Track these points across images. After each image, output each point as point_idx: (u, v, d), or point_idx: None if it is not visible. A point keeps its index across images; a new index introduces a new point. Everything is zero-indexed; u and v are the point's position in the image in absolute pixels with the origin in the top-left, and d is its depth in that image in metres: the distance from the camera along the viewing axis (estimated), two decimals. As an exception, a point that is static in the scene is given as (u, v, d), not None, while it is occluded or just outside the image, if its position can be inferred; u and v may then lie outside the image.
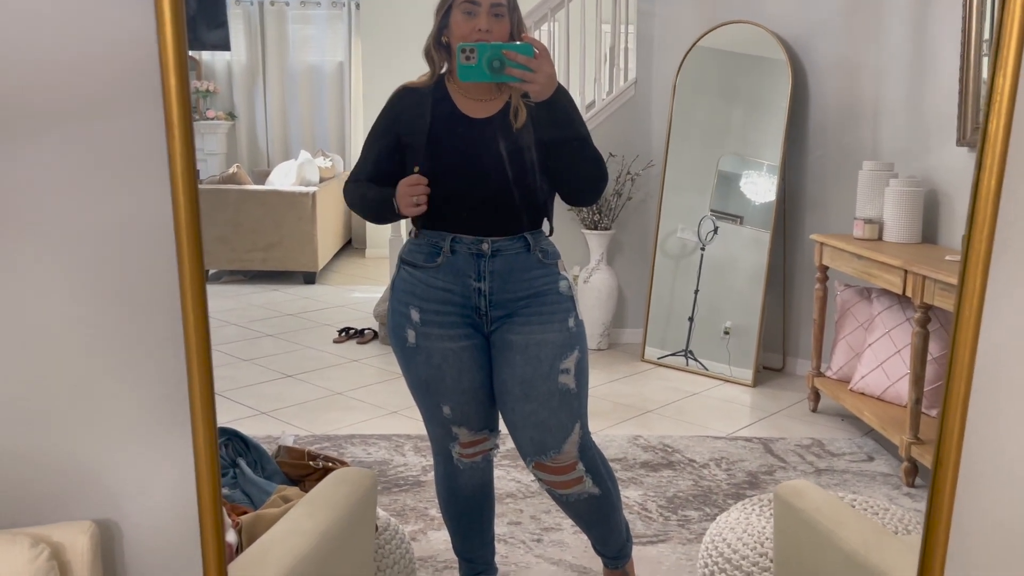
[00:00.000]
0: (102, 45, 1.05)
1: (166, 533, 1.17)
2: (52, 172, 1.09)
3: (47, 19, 1.05)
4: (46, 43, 1.06)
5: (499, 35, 1.67)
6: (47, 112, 1.07)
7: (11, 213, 1.10)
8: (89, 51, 1.05)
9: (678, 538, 2.42)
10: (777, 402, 3.59)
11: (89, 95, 1.06)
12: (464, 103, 1.76)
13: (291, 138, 7.21)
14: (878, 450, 3.05)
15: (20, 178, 1.09)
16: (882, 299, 3.13)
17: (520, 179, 1.73)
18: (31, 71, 1.06)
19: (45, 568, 1.02)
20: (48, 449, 1.14)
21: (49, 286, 1.11)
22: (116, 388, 1.14)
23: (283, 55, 7.17)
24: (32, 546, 1.02)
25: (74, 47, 1.06)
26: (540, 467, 1.83)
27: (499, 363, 1.81)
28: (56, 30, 1.05)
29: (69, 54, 1.06)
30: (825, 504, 1.52)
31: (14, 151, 1.08)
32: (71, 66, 1.06)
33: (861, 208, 3.23)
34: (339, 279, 5.80)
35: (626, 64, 4.39)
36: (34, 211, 1.10)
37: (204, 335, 1.04)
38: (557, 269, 1.83)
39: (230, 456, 1.94)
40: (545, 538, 2.41)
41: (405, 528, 2.36)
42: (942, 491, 1.12)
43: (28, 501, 1.14)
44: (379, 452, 2.97)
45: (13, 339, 1.12)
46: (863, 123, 3.54)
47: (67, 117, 1.07)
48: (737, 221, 3.91)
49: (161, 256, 1.09)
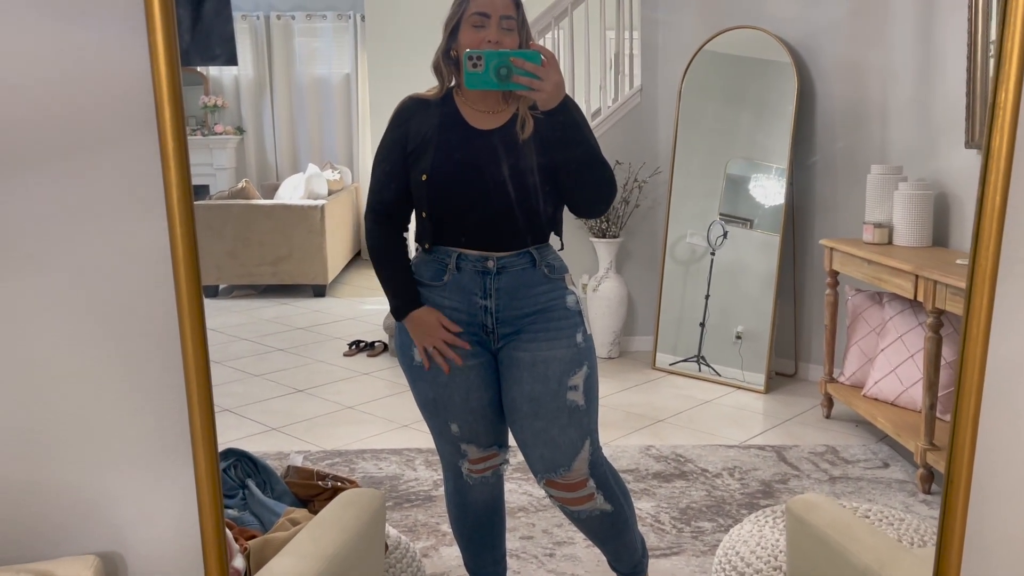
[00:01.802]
0: (98, 81, 1.05)
1: (171, 563, 1.16)
2: (51, 205, 1.09)
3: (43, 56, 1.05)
4: (44, 79, 1.06)
5: (507, 44, 1.66)
6: (44, 146, 1.07)
7: (10, 246, 1.10)
8: (86, 87, 1.05)
9: (692, 550, 2.40)
10: (790, 408, 3.56)
11: (86, 129, 1.06)
12: (471, 115, 1.75)
13: (299, 151, 7.23)
14: (893, 456, 3.01)
15: (19, 211, 1.09)
16: (894, 304, 3.10)
17: (525, 192, 1.71)
18: (29, 107, 1.06)
19: (49, 604, 1.01)
20: (50, 482, 1.14)
21: (48, 318, 1.11)
22: (117, 419, 1.14)
23: (290, 68, 7.20)
24: (36, 582, 1.02)
25: (71, 83, 1.06)
26: (551, 484, 1.82)
27: (507, 381, 1.80)
28: (52, 66, 1.06)
29: (66, 90, 1.06)
30: (838, 519, 1.50)
31: (13, 185, 1.08)
32: (68, 101, 1.06)
33: (870, 212, 3.20)
34: (349, 291, 5.80)
35: (631, 71, 4.38)
36: (33, 243, 1.10)
37: (204, 365, 1.03)
38: (564, 284, 1.81)
39: (239, 477, 1.94)
40: (557, 552, 2.40)
41: (416, 544, 2.35)
42: (955, 508, 1.11)
43: (31, 535, 1.13)
44: (390, 467, 2.96)
45: (13, 372, 1.12)
46: (871, 126, 3.52)
47: (65, 150, 1.07)
48: (747, 225, 3.88)
49: (159, 285, 1.08)
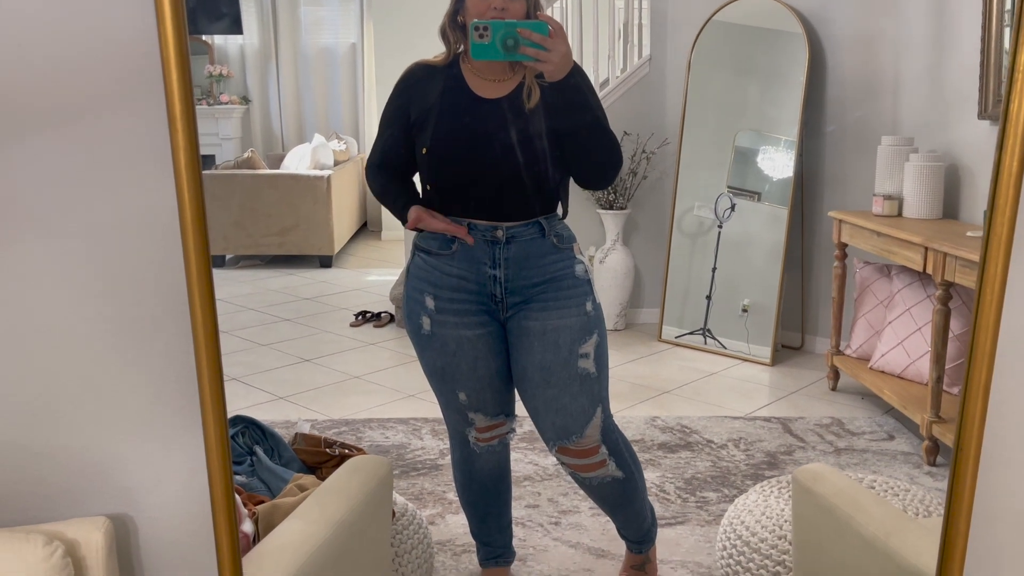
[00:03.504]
0: (104, 41, 1.04)
1: (181, 527, 1.17)
2: (58, 168, 1.08)
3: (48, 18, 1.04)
4: (48, 41, 1.05)
5: (515, 15, 1.63)
6: (51, 108, 1.07)
7: (18, 210, 1.09)
8: (91, 48, 1.04)
9: (696, 520, 2.41)
10: (796, 381, 3.56)
11: (93, 91, 1.06)
12: (476, 83, 1.73)
13: (305, 121, 7.19)
14: (899, 429, 3.02)
15: (26, 175, 1.09)
16: (902, 276, 3.09)
17: (532, 161, 1.70)
18: (34, 69, 1.06)
19: (60, 565, 1.02)
20: (61, 445, 1.15)
21: (57, 282, 1.11)
22: (127, 383, 1.14)
23: (295, 38, 7.14)
24: (46, 544, 1.02)
25: (77, 44, 1.05)
26: (564, 451, 1.82)
27: (517, 350, 1.80)
28: (58, 28, 1.05)
29: (71, 51, 1.05)
30: (844, 489, 1.51)
31: (19, 148, 1.07)
32: (74, 63, 1.05)
33: (880, 184, 3.18)
34: (355, 262, 5.80)
35: (640, 41, 4.33)
36: (41, 207, 1.10)
37: (212, 329, 1.03)
38: (573, 253, 1.81)
39: (247, 444, 1.95)
40: (563, 521, 2.41)
41: (423, 512, 2.36)
42: (963, 476, 1.10)
43: (42, 498, 1.14)
44: (397, 436, 2.97)
45: (23, 337, 1.12)
46: (882, 97, 3.48)
47: (71, 113, 1.07)
48: (755, 198, 3.86)
49: (168, 250, 1.08)
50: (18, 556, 1.00)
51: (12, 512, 1.14)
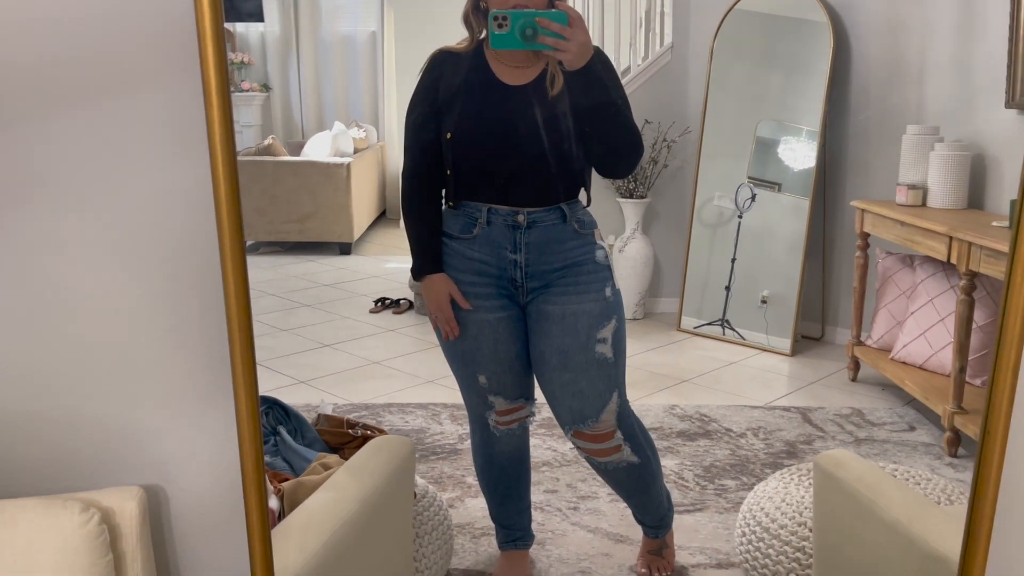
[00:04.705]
0: (140, 16, 1.05)
1: (212, 498, 1.19)
2: (94, 144, 1.10)
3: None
4: (84, 17, 1.06)
5: (535, 4, 1.64)
6: (86, 84, 1.08)
7: (55, 185, 1.11)
8: (127, 22, 1.05)
9: (715, 507, 2.42)
10: (816, 371, 3.55)
11: (128, 67, 1.07)
12: (500, 69, 1.74)
13: (325, 109, 7.21)
14: (920, 420, 3.00)
15: (63, 150, 1.10)
16: (925, 266, 3.07)
17: (555, 148, 1.71)
18: (70, 45, 1.07)
19: (95, 532, 1.05)
20: (97, 417, 1.17)
21: (94, 257, 1.13)
22: (160, 357, 1.16)
23: (316, 25, 7.16)
24: (83, 511, 1.05)
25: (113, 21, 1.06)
26: (579, 435, 1.83)
27: (536, 334, 1.81)
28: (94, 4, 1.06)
29: (108, 27, 1.06)
30: (866, 474, 1.51)
31: (56, 124, 1.09)
32: (110, 38, 1.06)
33: (904, 173, 3.15)
34: (374, 249, 5.82)
35: (662, 28, 4.31)
36: (78, 182, 1.11)
37: (245, 303, 1.05)
38: (593, 239, 1.81)
39: (271, 424, 1.97)
40: (581, 506, 2.42)
41: (443, 495, 2.38)
42: (990, 462, 1.10)
43: (78, 467, 1.16)
44: (416, 420, 2.99)
45: (61, 310, 1.14)
46: (907, 85, 3.45)
47: (106, 88, 1.08)
48: (775, 188, 3.84)
49: (202, 225, 1.10)
50: (56, 523, 1.02)
51: (50, 481, 1.16)
